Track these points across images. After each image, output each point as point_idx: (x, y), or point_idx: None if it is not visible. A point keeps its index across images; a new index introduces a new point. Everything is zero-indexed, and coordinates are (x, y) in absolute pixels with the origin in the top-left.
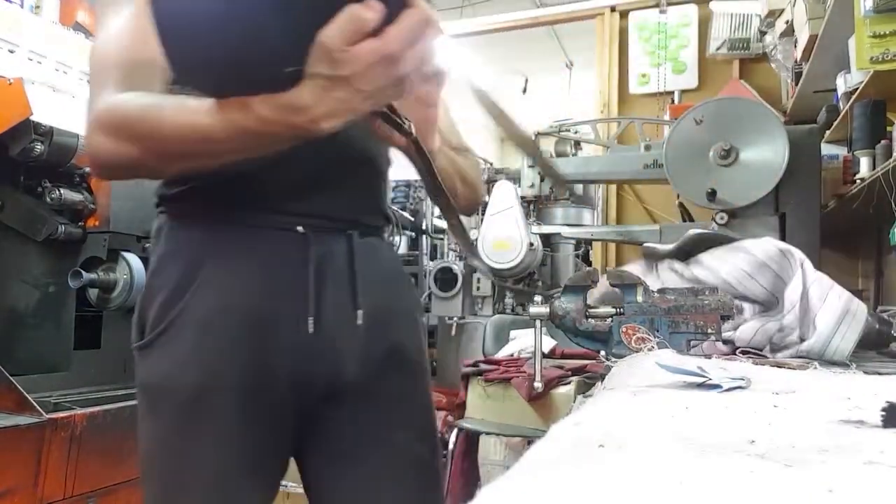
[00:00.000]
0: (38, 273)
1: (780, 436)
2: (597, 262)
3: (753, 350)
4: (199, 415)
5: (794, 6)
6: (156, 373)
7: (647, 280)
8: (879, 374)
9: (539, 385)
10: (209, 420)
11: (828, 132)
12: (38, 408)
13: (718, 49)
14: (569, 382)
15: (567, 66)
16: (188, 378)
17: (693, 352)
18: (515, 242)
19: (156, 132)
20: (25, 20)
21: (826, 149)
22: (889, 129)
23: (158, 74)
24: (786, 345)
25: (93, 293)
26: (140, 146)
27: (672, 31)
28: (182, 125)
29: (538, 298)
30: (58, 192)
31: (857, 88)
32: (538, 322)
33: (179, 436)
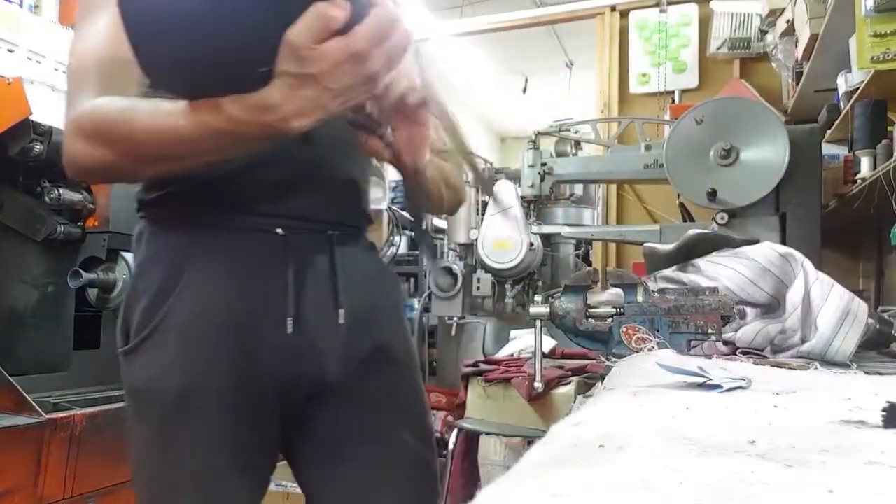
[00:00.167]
0: (38, 273)
1: (781, 436)
2: (597, 262)
3: (754, 350)
4: (185, 417)
5: (795, 5)
6: (141, 377)
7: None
8: (880, 375)
9: (539, 385)
10: (195, 422)
11: (828, 132)
12: (38, 408)
13: (719, 48)
14: (569, 382)
15: (567, 66)
16: (173, 382)
17: (693, 352)
18: (515, 242)
19: (131, 135)
20: (25, 20)
21: (827, 148)
22: (890, 129)
23: (136, 77)
24: (787, 346)
25: (92, 293)
26: (115, 149)
27: (672, 31)
28: (155, 128)
29: (538, 298)
30: (57, 192)
31: (858, 88)
32: (538, 322)
33: (166, 439)
